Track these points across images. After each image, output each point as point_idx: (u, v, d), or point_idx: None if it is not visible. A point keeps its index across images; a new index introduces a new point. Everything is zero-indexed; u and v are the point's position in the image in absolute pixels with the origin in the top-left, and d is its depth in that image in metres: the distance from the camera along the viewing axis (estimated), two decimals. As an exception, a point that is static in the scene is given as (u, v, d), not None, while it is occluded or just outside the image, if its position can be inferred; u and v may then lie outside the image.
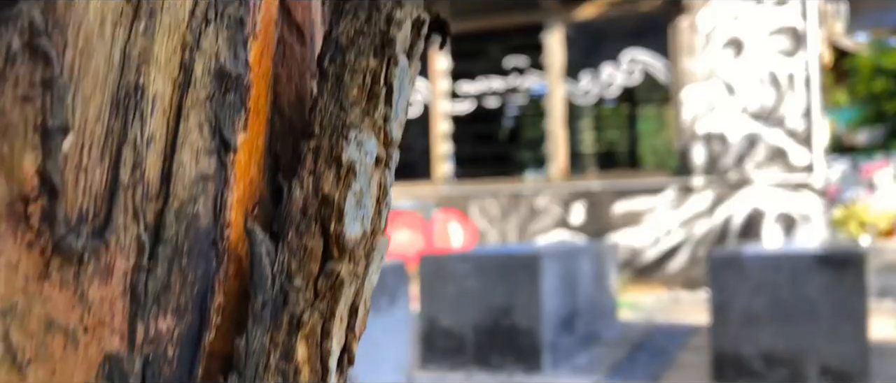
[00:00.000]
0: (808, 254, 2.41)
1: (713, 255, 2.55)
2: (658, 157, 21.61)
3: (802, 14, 6.02)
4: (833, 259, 2.36)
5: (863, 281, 2.38)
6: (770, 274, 2.39)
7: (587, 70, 6.75)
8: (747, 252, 2.52)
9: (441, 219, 6.90)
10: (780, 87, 6.06)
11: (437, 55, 7.04)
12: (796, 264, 2.39)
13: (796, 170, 5.99)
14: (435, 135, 7.06)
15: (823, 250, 2.41)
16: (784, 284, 2.37)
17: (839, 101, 18.96)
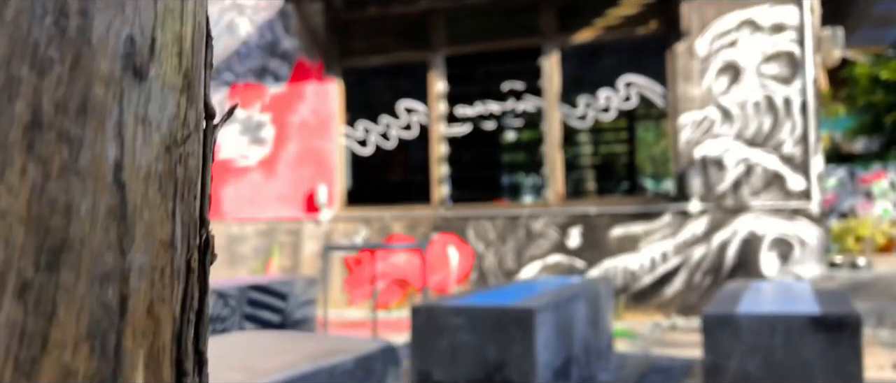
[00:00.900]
0: (804, 316, 2.40)
1: (707, 314, 2.53)
2: (656, 165, 21.62)
3: (799, 40, 6.02)
4: (828, 321, 2.35)
5: (858, 343, 2.37)
6: (765, 336, 2.37)
7: (584, 94, 6.74)
8: (741, 311, 2.51)
9: (439, 242, 6.89)
10: (776, 113, 6.06)
11: (435, 78, 7.03)
12: (791, 326, 2.38)
13: (793, 195, 5.98)
14: (432, 158, 7.05)
15: (819, 313, 2.40)
16: (779, 347, 2.36)
17: (837, 111, 18.98)
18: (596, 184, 8.39)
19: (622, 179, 8.90)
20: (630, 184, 10.87)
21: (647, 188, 19.50)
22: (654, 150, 19.88)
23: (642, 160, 19.61)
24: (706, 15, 6.27)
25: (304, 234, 7.39)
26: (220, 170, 7.74)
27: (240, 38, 7.71)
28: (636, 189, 11.90)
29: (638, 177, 12.97)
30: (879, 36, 9.49)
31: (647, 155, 19.55)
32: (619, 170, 9.13)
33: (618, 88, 6.65)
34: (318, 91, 7.41)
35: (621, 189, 7.77)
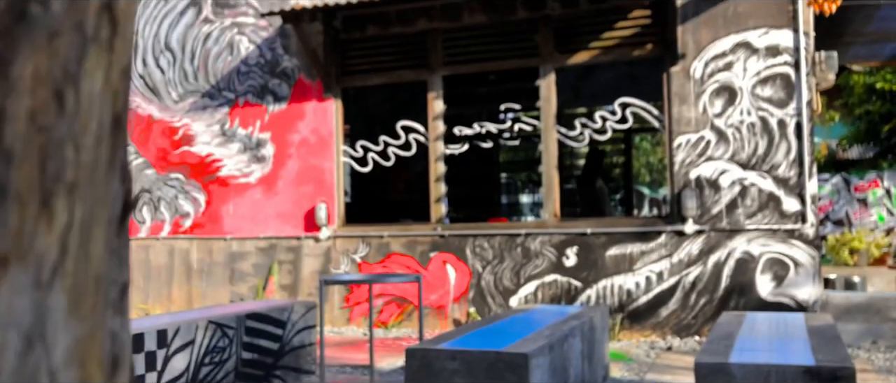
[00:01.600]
0: (798, 367, 2.46)
1: (700, 362, 2.59)
2: (653, 173, 21.66)
3: (794, 63, 6.09)
4: (823, 374, 2.41)
5: (847, 394, 2.42)
6: (756, 386, 2.43)
7: (581, 114, 6.80)
8: (734, 360, 2.57)
9: (437, 261, 6.95)
10: (771, 136, 6.12)
11: (434, 98, 7.09)
12: (785, 377, 2.44)
13: (788, 217, 6.05)
14: (431, 177, 7.11)
15: (813, 364, 2.46)
16: (769, 397, 2.41)
17: (833, 117, 19.05)
18: (592, 204, 8.41)
19: (620, 199, 8.94)
20: (627, 205, 10.94)
21: (644, 193, 19.60)
22: (652, 158, 19.98)
23: (639, 166, 19.72)
24: (701, 37, 6.34)
25: (303, 252, 7.44)
26: (220, 187, 7.80)
27: (240, 57, 7.77)
28: (633, 208, 11.97)
29: (634, 197, 13.01)
30: (875, 52, 9.56)
31: (645, 161, 19.66)
32: (616, 189, 9.17)
33: (614, 109, 6.71)
34: (317, 110, 7.46)
35: (618, 209, 7.82)
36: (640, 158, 18.14)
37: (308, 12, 6.80)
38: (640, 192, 18.80)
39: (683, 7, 6.38)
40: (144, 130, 8.16)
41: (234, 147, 7.77)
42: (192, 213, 7.91)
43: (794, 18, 6.09)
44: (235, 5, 7.84)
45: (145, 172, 8.13)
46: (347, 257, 7.28)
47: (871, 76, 16.14)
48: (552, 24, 6.78)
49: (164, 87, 8.10)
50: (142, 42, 8.23)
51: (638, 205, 18.08)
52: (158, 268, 8.01)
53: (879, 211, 17.84)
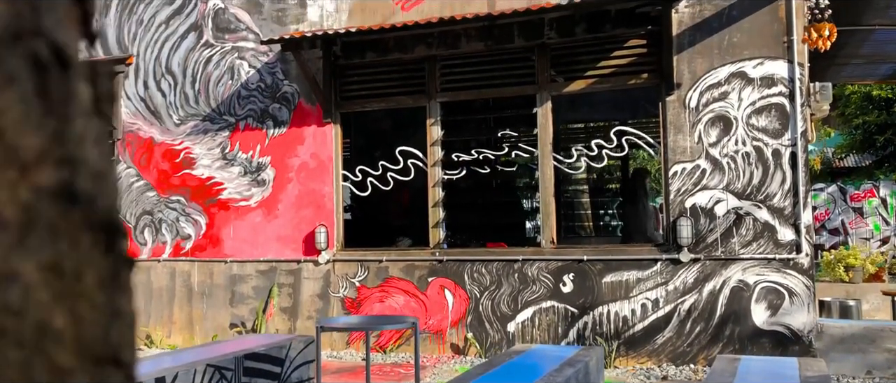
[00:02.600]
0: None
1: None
2: (652, 182, 21.71)
3: (789, 94, 6.16)
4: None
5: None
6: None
7: (577, 142, 6.87)
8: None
9: (435, 286, 7.01)
10: (766, 165, 6.19)
11: (432, 124, 7.16)
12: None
13: (783, 247, 6.12)
14: (429, 202, 7.17)
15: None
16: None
17: (829, 133, 19.15)
18: (589, 230, 8.51)
19: (616, 225, 9.00)
20: (625, 233, 10.98)
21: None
22: (650, 166, 20.01)
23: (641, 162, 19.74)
24: (697, 67, 6.41)
25: (303, 275, 7.51)
26: (221, 210, 7.86)
27: (240, 81, 7.83)
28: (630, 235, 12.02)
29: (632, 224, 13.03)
30: (870, 71, 9.64)
31: (642, 168, 19.73)
32: (613, 216, 9.23)
33: (611, 138, 6.78)
34: (317, 134, 7.53)
35: (615, 235, 7.88)
36: (635, 165, 18.19)
37: (307, 40, 6.86)
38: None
39: (679, 37, 6.45)
40: (146, 153, 8.22)
41: (234, 170, 7.83)
42: (193, 236, 7.97)
43: (788, 49, 6.16)
44: (236, 30, 7.91)
45: (147, 194, 8.19)
46: (346, 281, 7.35)
47: (868, 85, 16.20)
48: (549, 52, 6.85)
49: (165, 110, 8.16)
50: (143, 65, 8.29)
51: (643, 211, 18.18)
52: (160, 289, 8.08)
53: (875, 220, 17.94)
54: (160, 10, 8.24)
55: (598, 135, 6.72)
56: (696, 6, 6.40)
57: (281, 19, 7.74)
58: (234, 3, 7.93)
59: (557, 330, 6.63)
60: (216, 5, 8.00)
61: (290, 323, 7.51)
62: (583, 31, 6.69)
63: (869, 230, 17.91)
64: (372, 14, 7.37)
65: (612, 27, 6.61)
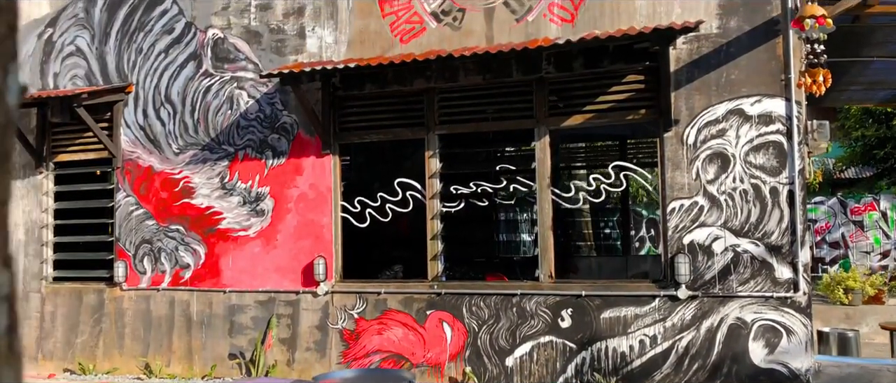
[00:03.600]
0: None
1: None
2: (650, 195, 21.61)
3: (787, 132, 6.16)
4: None
5: None
6: None
7: (575, 177, 6.87)
8: None
9: (433, 318, 7.02)
10: (764, 203, 6.20)
11: (431, 156, 7.17)
12: None
13: (780, 285, 6.12)
14: (428, 234, 7.18)
15: None
16: None
17: (827, 148, 19.11)
18: (588, 264, 8.52)
19: (615, 258, 9.00)
20: (624, 228, 10.98)
21: (642, 214, 19.65)
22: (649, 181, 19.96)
23: (637, 187, 19.75)
24: (695, 104, 6.41)
25: (301, 306, 7.52)
26: (220, 240, 7.87)
27: (239, 111, 7.84)
28: (630, 230, 12.03)
29: (632, 217, 13.11)
30: (869, 96, 9.65)
31: (641, 184, 19.73)
32: (611, 250, 9.22)
33: (609, 173, 6.79)
34: (316, 165, 7.54)
35: (613, 267, 7.89)
36: (635, 183, 18.17)
37: (306, 74, 6.87)
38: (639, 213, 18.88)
39: (677, 73, 6.45)
40: (145, 181, 8.24)
41: (233, 200, 7.84)
42: (192, 265, 7.98)
43: (786, 87, 6.17)
44: (235, 60, 7.92)
45: (146, 223, 8.21)
46: (345, 313, 7.35)
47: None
48: (547, 86, 6.86)
49: (164, 138, 8.18)
50: (143, 94, 8.31)
51: (635, 227, 18.17)
52: (159, 318, 8.09)
53: (875, 234, 17.93)
54: (159, 39, 8.26)
55: (597, 170, 6.71)
56: (693, 43, 6.41)
57: (280, 50, 7.75)
58: (234, 32, 7.95)
59: (556, 365, 6.64)
60: (215, 35, 8.02)
61: (289, 355, 7.52)
62: (580, 66, 6.70)
63: (869, 243, 17.89)
64: (371, 46, 7.38)
65: (610, 62, 6.61)
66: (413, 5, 7.25)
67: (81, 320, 8.49)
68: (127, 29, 8.43)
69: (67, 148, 8.72)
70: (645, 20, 6.53)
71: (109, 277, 8.36)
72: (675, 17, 6.44)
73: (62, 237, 8.75)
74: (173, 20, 8.22)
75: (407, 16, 7.27)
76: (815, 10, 5.11)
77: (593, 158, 11.19)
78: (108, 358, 8.31)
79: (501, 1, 6.96)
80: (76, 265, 8.69)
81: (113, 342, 8.31)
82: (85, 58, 8.65)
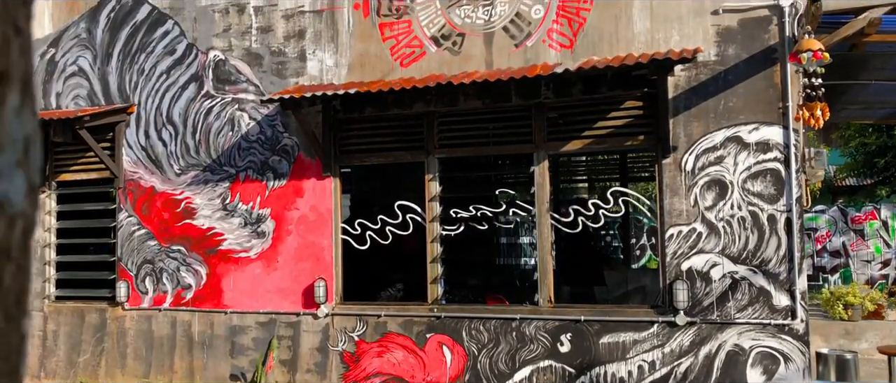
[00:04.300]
0: None
1: None
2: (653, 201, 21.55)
3: (784, 159, 6.19)
4: None
5: None
6: None
7: (574, 202, 6.90)
8: None
9: (433, 342, 7.06)
10: (761, 230, 6.23)
11: (430, 179, 7.20)
12: None
13: (778, 312, 6.15)
14: (427, 257, 7.22)
15: None
16: None
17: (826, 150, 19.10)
18: (587, 289, 8.54)
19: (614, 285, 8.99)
20: (623, 292, 11.02)
21: (643, 222, 19.65)
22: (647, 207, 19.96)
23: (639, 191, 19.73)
24: (693, 131, 6.44)
25: (302, 328, 7.57)
26: (221, 261, 7.92)
27: (241, 133, 7.89)
28: (631, 240, 12.06)
29: (632, 225, 13.10)
30: (868, 114, 9.67)
31: (642, 192, 19.75)
32: (610, 274, 9.25)
33: (607, 198, 6.82)
34: (316, 187, 7.58)
35: (612, 295, 7.90)
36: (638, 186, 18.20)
37: (307, 99, 6.91)
38: (639, 221, 18.90)
39: (675, 100, 6.49)
40: (147, 202, 8.28)
41: (234, 221, 7.89)
42: (193, 286, 8.03)
43: (784, 115, 6.20)
44: (236, 82, 7.96)
45: (148, 243, 8.25)
46: (345, 335, 7.40)
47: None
48: (546, 111, 6.89)
49: (166, 159, 8.22)
50: (144, 115, 8.35)
51: (636, 236, 18.20)
52: (161, 338, 8.14)
53: (876, 242, 17.94)
54: (161, 61, 8.30)
55: (595, 195, 6.74)
56: (691, 70, 6.44)
57: (281, 72, 7.80)
58: (235, 54, 7.99)
59: (554, 390, 6.67)
60: (217, 57, 8.06)
61: (290, 376, 7.56)
62: (579, 92, 6.73)
63: (870, 252, 17.90)
64: (371, 69, 7.42)
65: (608, 89, 6.65)
66: (413, 29, 7.29)
67: (84, 339, 8.54)
68: (129, 49, 8.47)
69: (69, 167, 8.77)
70: (643, 47, 6.57)
71: (111, 297, 8.41)
72: (674, 44, 6.47)
73: (64, 256, 8.80)
74: (175, 41, 8.27)
75: (407, 40, 7.31)
76: (812, 45, 5.14)
77: (593, 166, 11.25)
78: (110, 377, 8.36)
79: (501, 26, 7.00)
80: (78, 284, 8.74)
81: (115, 361, 8.36)
82: (87, 78, 8.69)
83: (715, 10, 6.39)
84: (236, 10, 8.01)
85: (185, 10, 8.22)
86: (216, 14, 8.09)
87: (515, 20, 6.96)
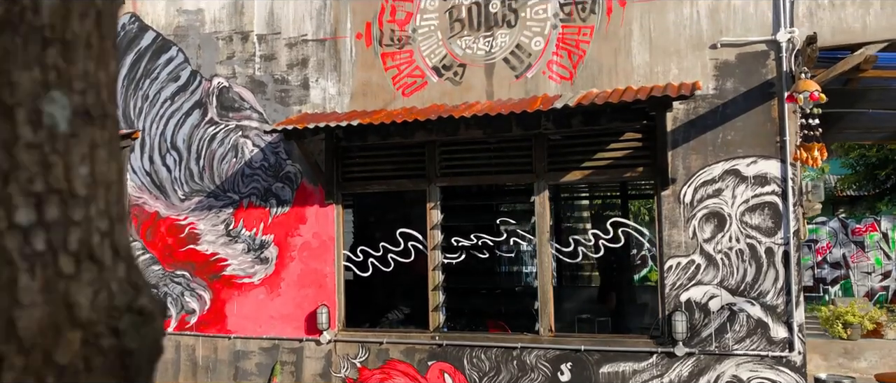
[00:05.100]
0: None
1: None
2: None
3: (782, 193, 6.26)
4: None
5: None
6: None
7: (574, 232, 6.98)
8: None
9: (434, 369, 7.13)
10: (759, 263, 6.30)
11: (432, 208, 7.28)
12: None
13: (776, 345, 6.22)
14: (429, 285, 7.29)
15: None
16: None
17: (824, 169, 19.15)
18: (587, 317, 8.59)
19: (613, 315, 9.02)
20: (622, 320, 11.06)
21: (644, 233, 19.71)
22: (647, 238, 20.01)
23: (639, 206, 19.85)
24: (692, 163, 6.51)
25: (305, 354, 7.64)
26: (225, 286, 8.00)
27: (244, 159, 7.97)
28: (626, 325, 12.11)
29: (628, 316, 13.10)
30: (865, 136, 9.73)
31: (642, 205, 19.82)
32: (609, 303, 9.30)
33: (607, 229, 6.89)
34: (319, 214, 7.66)
35: (611, 324, 7.94)
36: (635, 205, 18.28)
37: (310, 131, 6.99)
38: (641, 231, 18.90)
39: (674, 132, 6.56)
40: (151, 226, 8.37)
41: (238, 247, 7.97)
42: (197, 310, 8.11)
43: (781, 149, 6.27)
44: (240, 109, 8.05)
45: (152, 268, 8.33)
46: (348, 361, 7.47)
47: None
48: (546, 142, 6.97)
49: (170, 185, 8.30)
50: (149, 140, 8.44)
51: (638, 246, 18.25)
52: (165, 362, 8.21)
53: (876, 254, 17.99)
54: (166, 87, 8.38)
55: (595, 226, 6.82)
56: (690, 103, 6.51)
57: (284, 100, 7.88)
58: (239, 82, 8.08)
59: (555, 419, 6.74)
60: (220, 84, 8.15)
61: (293, 402, 7.64)
62: (579, 123, 6.81)
63: (870, 264, 17.97)
64: (373, 98, 7.50)
65: (607, 121, 6.72)
66: (415, 59, 7.37)
67: (89, 362, 8.60)
68: (133, 75, 8.56)
69: (75, 191, 8.85)
70: (642, 79, 6.64)
71: (116, 320, 8.47)
72: (672, 78, 6.54)
73: (70, 279, 8.87)
74: (179, 68, 8.35)
75: (409, 70, 7.39)
76: (808, 86, 5.21)
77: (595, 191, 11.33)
78: (114, 400, 8.43)
79: (501, 57, 7.08)
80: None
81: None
82: (92, 103, 8.76)
83: (713, 44, 6.47)
84: (240, 38, 8.09)
85: (190, 37, 8.31)
86: (220, 41, 8.18)
87: (516, 51, 7.03)
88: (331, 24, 7.71)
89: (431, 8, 7.32)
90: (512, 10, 7.05)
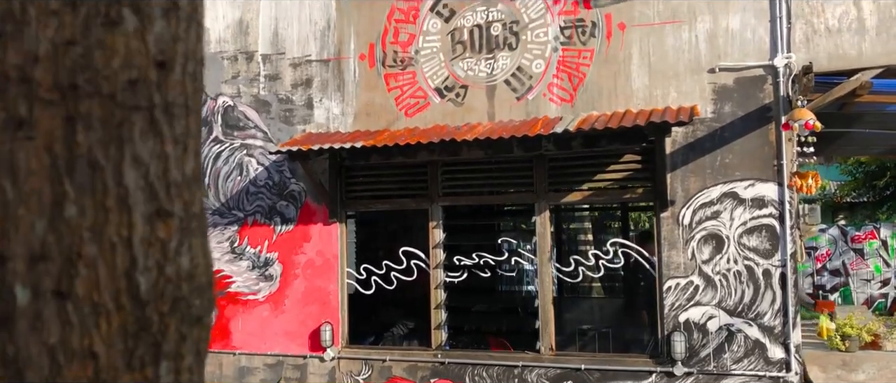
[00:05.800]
0: None
1: None
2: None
3: (779, 215, 6.36)
4: None
5: None
6: None
7: (574, 253, 7.07)
8: None
9: (436, 387, 7.23)
10: (757, 285, 6.40)
11: (434, 227, 7.38)
12: None
13: (773, 365, 6.32)
14: (431, 303, 7.39)
15: None
16: None
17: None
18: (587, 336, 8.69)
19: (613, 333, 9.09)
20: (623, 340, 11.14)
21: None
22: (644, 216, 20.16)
23: (640, 214, 19.91)
24: (690, 186, 6.61)
25: (309, 370, 7.74)
26: (230, 303, 8.10)
27: (249, 178, 8.07)
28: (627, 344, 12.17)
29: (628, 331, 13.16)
30: (863, 150, 9.82)
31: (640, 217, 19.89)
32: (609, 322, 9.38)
33: (607, 250, 6.99)
34: (323, 232, 7.76)
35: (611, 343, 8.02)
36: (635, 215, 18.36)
37: (314, 152, 7.09)
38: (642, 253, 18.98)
39: (673, 155, 6.66)
40: (156, 243, 8.46)
41: (243, 264, 8.07)
42: (202, 326, 8.20)
43: (778, 172, 6.37)
44: (245, 128, 8.15)
45: (157, 284, 8.43)
46: (351, 378, 7.58)
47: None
48: (547, 163, 7.06)
49: (175, 202, 8.39)
50: (154, 158, 8.53)
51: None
52: (170, 377, 8.31)
53: (876, 262, 18.07)
54: (171, 105, 8.47)
55: (595, 247, 6.92)
56: (689, 126, 6.61)
57: (288, 119, 7.98)
58: (243, 101, 8.18)
59: (555, 436, 6.84)
60: (225, 103, 8.25)
61: (297, 418, 7.74)
62: (579, 145, 6.91)
63: (870, 272, 18.05)
64: (376, 118, 7.60)
65: (607, 143, 6.82)
66: (417, 81, 7.47)
67: (95, 376, 8.71)
68: (139, 93, 8.65)
69: (81, 207, 8.95)
70: (642, 103, 6.74)
71: (122, 336, 8.58)
72: (671, 101, 6.64)
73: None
74: (184, 87, 8.44)
75: (411, 90, 7.49)
76: (803, 115, 5.31)
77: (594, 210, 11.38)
78: (121, 414, 8.54)
79: (503, 79, 7.18)
80: (90, 322, 8.91)
81: (126, 399, 8.53)
82: (98, 120, 8.87)
83: (711, 68, 6.57)
84: (245, 58, 8.19)
85: (195, 56, 8.40)
86: (225, 61, 8.28)
87: (517, 74, 7.14)
88: (334, 45, 7.81)
89: (434, 30, 7.43)
90: (513, 33, 7.16)
